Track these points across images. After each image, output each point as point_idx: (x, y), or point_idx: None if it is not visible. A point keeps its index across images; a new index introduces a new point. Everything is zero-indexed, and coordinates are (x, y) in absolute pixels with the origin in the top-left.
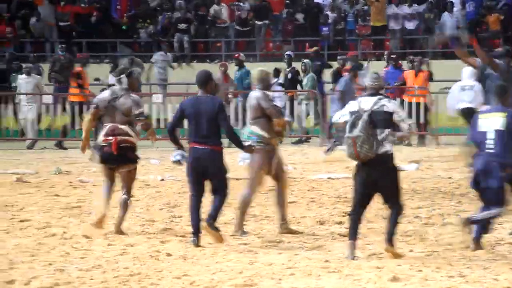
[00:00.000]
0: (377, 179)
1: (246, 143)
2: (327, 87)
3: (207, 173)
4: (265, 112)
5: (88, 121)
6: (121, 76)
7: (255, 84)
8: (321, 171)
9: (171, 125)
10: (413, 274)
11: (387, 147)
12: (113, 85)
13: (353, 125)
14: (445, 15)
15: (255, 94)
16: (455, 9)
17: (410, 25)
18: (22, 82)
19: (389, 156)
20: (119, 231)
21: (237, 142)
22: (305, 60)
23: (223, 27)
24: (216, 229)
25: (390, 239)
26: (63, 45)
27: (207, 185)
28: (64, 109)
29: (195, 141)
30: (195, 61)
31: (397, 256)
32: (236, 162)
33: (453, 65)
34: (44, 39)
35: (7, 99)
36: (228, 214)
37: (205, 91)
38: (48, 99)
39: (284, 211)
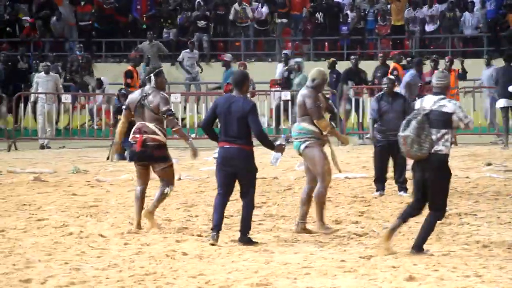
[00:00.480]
0: (427, 178)
1: (277, 142)
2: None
3: (235, 173)
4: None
5: (121, 123)
6: (150, 75)
7: (310, 81)
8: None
9: (204, 122)
10: (429, 273)
11: (440, 147)
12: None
13: (407, 124)
14: (466, 14)
15: (302, 92)
16: (475, 8)
17: (430, 27)
18: (41, 80)
19: (441, 157)
20: (146, 216)
21: (267, 143)
22: (298, 59)
23: (243, 26)
24: (251, 243)
25: (418, 245)
26: (81, 45)
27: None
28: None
29: (225, 140)
30: (213, 60)
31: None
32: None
33: (472, 64)
34: (64, 39)
35: (27, 99)
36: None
37: (240, 91)
38: (67, 98)
39: (307, 210)
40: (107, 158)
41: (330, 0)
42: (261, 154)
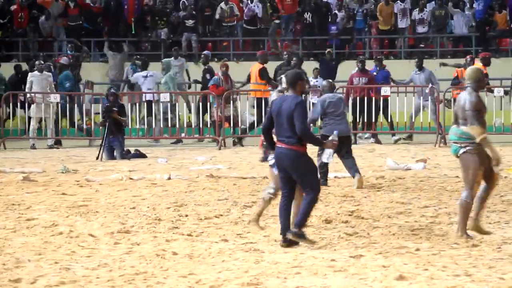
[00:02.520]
0: None
1: (329, 138)
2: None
3: (290, 173)
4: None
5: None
6: (281, 77)
7: (468, 82)
8: (328, 170)
9: (264, 125)
10: (419, 272)
11: None
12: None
13: None
14: (457, 14)
15: (464, 95)
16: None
17: (420, 29)
18: (35, 79)
19: None
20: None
21: (313, 140)
22: (166, 59)
23: (231, 26)
24: (304, 238)
25: None
26: (72, 44)
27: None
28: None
29: (278, 141)
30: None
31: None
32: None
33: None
34: (52, 38)
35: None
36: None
37: (294, 91)
38: (56, 98)
39: (483, 210)
40: (97, 158)
41: (319, 0)
42: (250, 154)
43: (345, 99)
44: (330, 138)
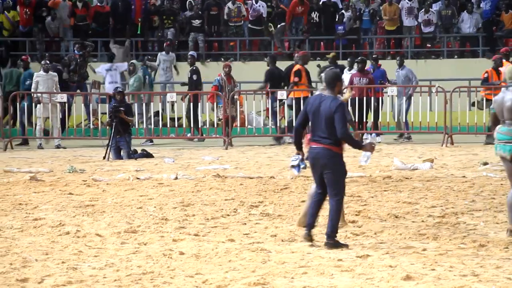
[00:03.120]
0: None
1: (367, 141)
2: None
3: (323, 173)
4: None
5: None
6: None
7: (510, 82)
8: None
9: (298, 123)
10: (426, 273)
11: None
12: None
13: None
14: (464, 14)
15: (510, 96)
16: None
17: (427, 29)
18: (41, 79)
19: None
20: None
21: (353, 143)
22: (133, 61)
23: (237, 25)
24: (338, 246)
25: None
26: (78, 45)
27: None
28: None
29: (313, 140)
30: (209, 60)
31: None
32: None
33: (468, 64)
34: (59, 38)
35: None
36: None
37: (332, 91)
38: (62, 98)
39: None
40: (104, 157)
41: (326, 0)
42: (257, 154)
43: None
44: (368, 141)
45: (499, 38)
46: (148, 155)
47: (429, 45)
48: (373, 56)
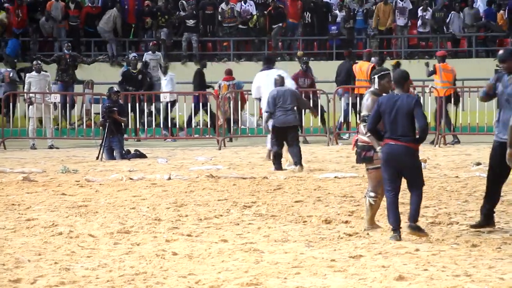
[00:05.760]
0: None
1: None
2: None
3: (401, 170)
4: None
5: None
6: (374, 76)
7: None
8: (328, 170)
9: (372, 125)
10: (419, 273)
11: None
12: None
13: None
14: (453, 14)
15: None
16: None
17: (421, 29)
18: (33, 79)
19: None
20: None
21: (425, 136)
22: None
23: (230, 26)
24: (421, 230)
25: None
26: (69, 44)
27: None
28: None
29: (390, 137)
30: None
31: None
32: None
33: (458, 64)
34: (52, 38)
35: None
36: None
37: (402, 90)
38: (56, 98)
39: None
40: (97, 158)
41: (319, 0)
42: (250, 154)
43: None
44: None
45: (491, 38)
46: (141, 156)
47: (423, 43)
48: (303, 58)
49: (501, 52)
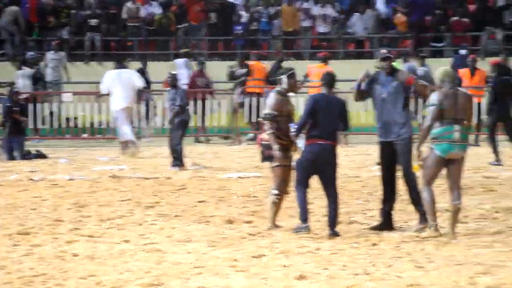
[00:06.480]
0: None
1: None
2: None
3: (323, 168)
4: None
5: None
6: (282, 77)
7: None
8: (231, 170)
9: (304, 122)
10: (319, 272)
11: None
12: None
13: None
14: (356, 16)
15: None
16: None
17: (321, 29)
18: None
19: None
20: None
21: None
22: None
23: (136, 26)
24: (338, 235)
25: None
26: None
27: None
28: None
29: (321, 137)
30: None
31: None
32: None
33: (361, 65)
34: None
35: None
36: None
37: (329, 91)
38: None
39: None
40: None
41: (223, 0)
42: (154, 154)
43: (190, 97)
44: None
45: (392, 39)
46: (42, 156)
47: (325, 44)
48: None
49: (383, 51)
